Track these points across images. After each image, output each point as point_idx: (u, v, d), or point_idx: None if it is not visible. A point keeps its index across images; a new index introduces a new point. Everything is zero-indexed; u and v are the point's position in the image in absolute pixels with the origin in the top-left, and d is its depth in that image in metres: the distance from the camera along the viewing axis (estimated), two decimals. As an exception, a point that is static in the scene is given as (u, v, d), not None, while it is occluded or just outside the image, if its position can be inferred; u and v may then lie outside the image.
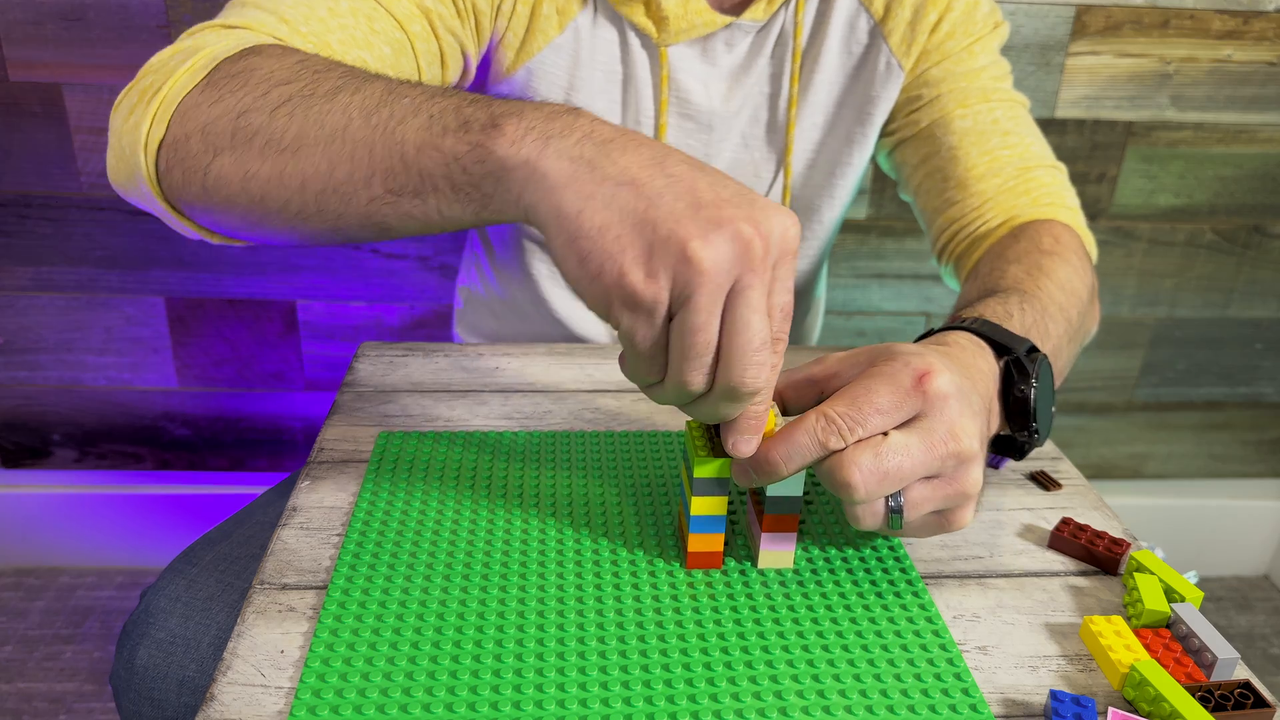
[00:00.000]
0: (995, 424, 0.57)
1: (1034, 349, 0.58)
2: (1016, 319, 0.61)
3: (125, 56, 1.22)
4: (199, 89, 0.54)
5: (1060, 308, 0.67)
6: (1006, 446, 0.60)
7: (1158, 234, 1.44)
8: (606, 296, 0.43)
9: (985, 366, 0.56)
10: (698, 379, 0.44)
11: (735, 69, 0.80)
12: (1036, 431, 0.57)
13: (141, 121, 0.55)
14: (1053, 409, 0.59)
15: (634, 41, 0.79)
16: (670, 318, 0.43)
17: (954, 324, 0.60)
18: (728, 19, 0.77)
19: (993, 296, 0.64)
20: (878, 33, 0.81)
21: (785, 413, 0.54)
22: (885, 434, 0.47)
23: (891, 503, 0.49)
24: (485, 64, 0.78)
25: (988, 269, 0.72)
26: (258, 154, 0.51)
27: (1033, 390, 0.56)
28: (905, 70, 0.81)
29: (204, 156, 0.53)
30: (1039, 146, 0.81)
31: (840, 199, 0.88)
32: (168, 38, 1.21)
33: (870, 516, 0.49)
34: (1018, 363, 0.57)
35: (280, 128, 0.50)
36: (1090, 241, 0.79)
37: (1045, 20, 1.29)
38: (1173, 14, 1.30)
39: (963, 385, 0.50)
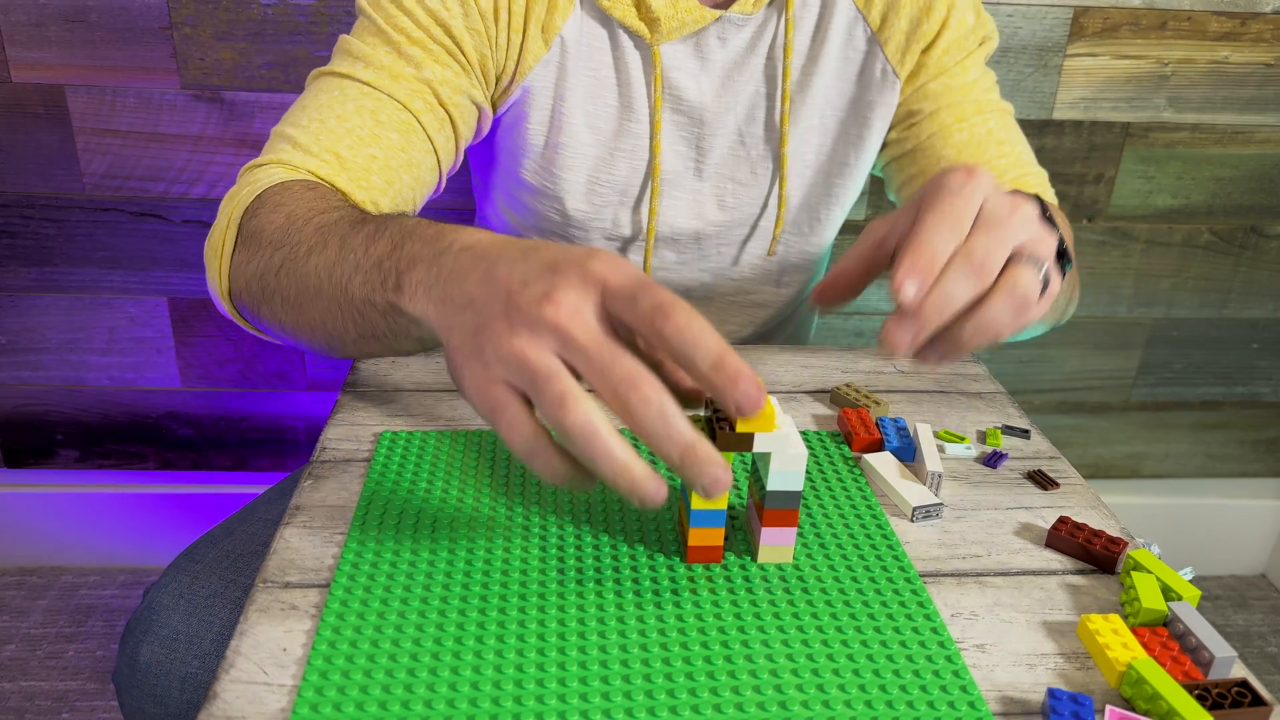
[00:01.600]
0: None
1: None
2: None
3: (128, 58, 1.23)
4: (237, 251, 0.67)
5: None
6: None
7: (1155, 235, 1.45)
8: (477, 408, 0.46)
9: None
10: (600, 462, 0.44)
11: (729, 64, 0.82)
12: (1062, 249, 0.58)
13: (215, 276, 0.69)
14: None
15: (626, 43, 0.80)
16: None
17: None
18: (717, 13, 0.79)
19: None
20: (875, 41, 0.82)
21: (849, 285, 0.56)
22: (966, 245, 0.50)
23: (1041, 269, 0.52)
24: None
25: None
26: (280, 309, 0.63)
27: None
28: (901, 79, 0.84)
29: (255, 306, 0.66)
30: (1027, 154, 0.85)
31: (842, 201, 0.89)
32: (170, 39, 1.21)
33: (1030, 284, 0.51)
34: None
35: (284, 288, 0.61)
36: (1065, 221, 0.82)
37: (1043, 22, 1.29)
38: (1170, 15, 1.30)
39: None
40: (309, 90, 0.75)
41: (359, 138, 0.72)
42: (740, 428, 0.51)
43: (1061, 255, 0.57)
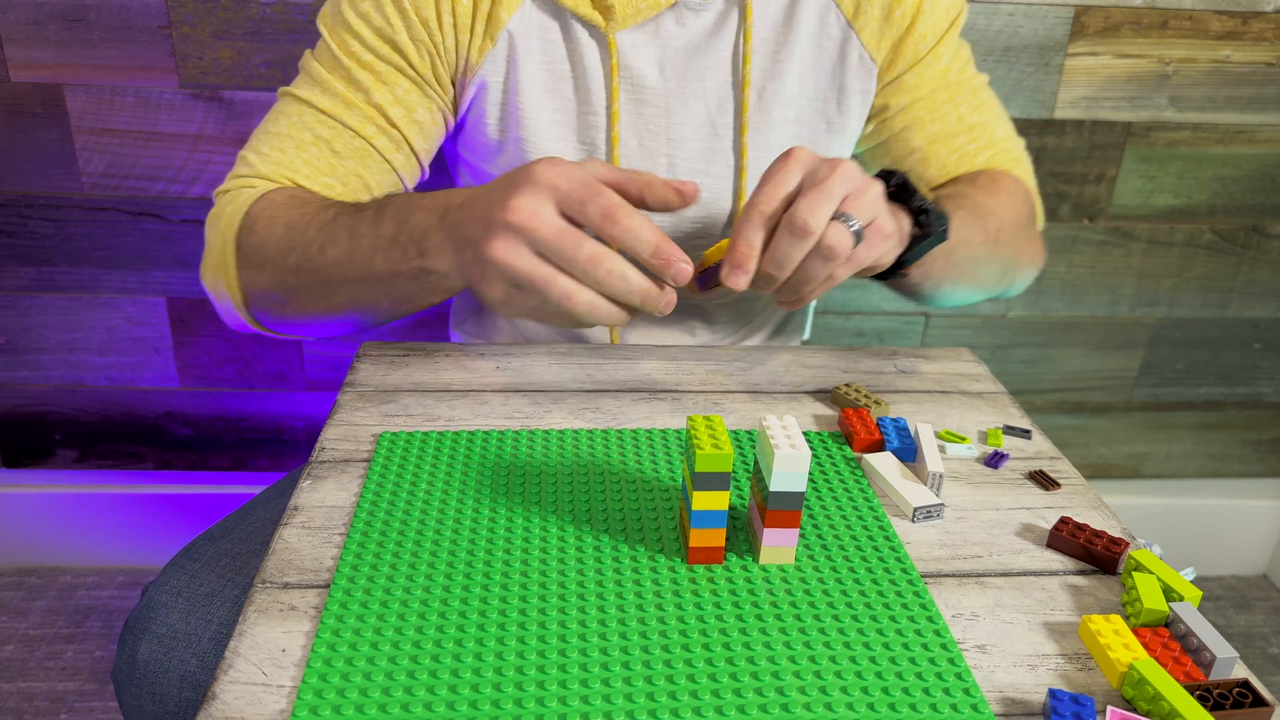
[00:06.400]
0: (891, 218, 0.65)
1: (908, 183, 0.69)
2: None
3: (126, 57, 1.22)
4: (243, 268, 0.74)
5: (974, 201, 0.79)
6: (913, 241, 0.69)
7: (1156, 234, 1.45)
8: (510, 315, 0.62)
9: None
10: (608, 321, 0.59)
11: (690, 48, 0.81)
12: (924, 207, 0.67)
13: (228, 293, 0.76)
14: (945, 224, 0.70)
15: (580, 33, 0.79)
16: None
17: None
18: None
19: None
20: (849, 29, 0.82)
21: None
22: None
23: (853, 226, 0.59)
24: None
25: None
26: (308, 302, 0.73)
27: (903, 175, 0.68)
28: (878, 65, 0.83)
29: (279, 309, 0.75)
30: (1001, 128, 0.88)
31: None
32: (169, 38, 1.21)
33: (842, 238, 0.59)
34: (881, 174, 0.68)
35: (307, 285, 0.71)
36: (1033, 187, 0.89)
37: (1044, 21, 1.29)
38: (1171, 15, 1.30)
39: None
40: (273, 112, 0.80)
41: (315, 167, 0.78)
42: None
43: (918, 211, 0.67)
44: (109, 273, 1.35)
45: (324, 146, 0.78)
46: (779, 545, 0.55)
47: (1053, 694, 0.46)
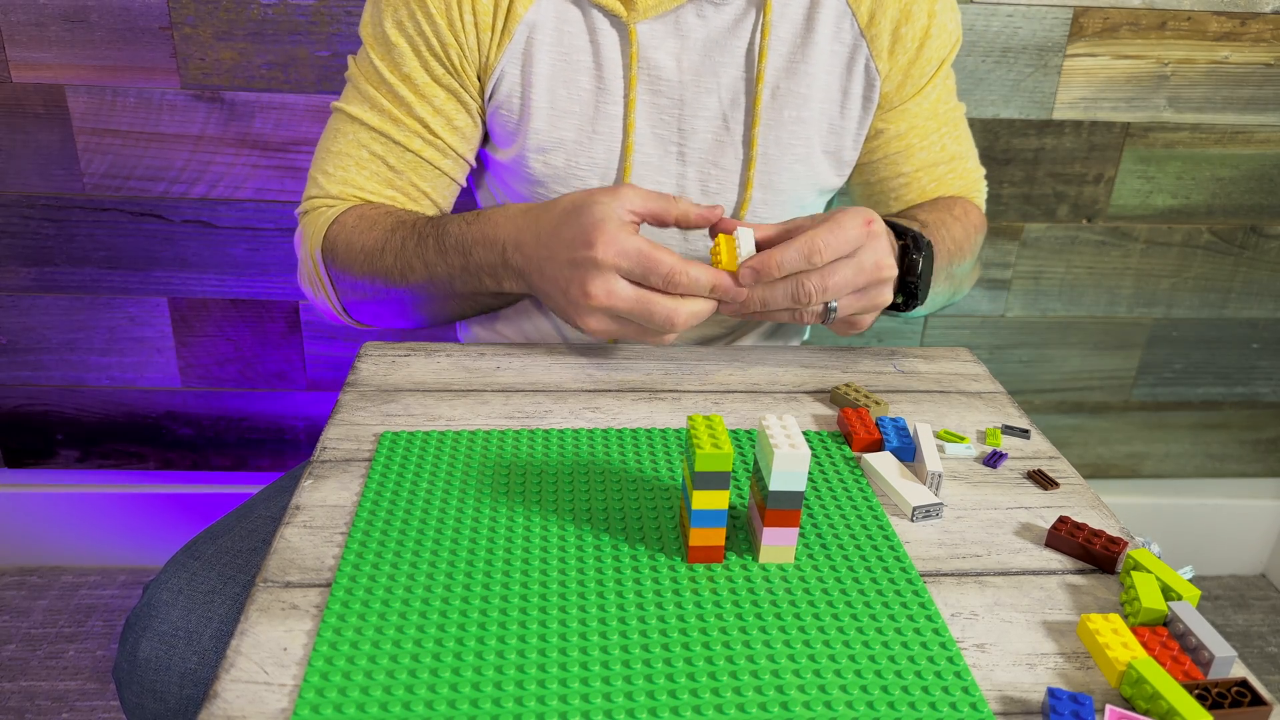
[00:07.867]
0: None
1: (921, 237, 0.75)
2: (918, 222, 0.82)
3: (128, 58, 1.23)
4: (336, 283, 0.83)
5: (952, 237, 0.85)
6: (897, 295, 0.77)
7: (1155, 235, 1.45)
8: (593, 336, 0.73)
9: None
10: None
11: (709, 42, 0.82)
12: (917, 286, 0.76)
13: (326, 301, 0.86)
14: (934, 289, 0.80)
15: (601, 23, 0.80)
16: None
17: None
18: None
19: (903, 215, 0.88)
20: (861, 37, 0.84)
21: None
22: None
23: (831, 315, 0.70)
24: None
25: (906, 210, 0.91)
26: (399, 310, 0.84)
27: (920, 256, 0.75)
28: (881, 80, 0.85)
29: (375, 310, 0.85)
30: (972, 159, 0.94)
31: (826, 191, 0.90)
32: (170, 39, 1.21)
33: (811, 316, 0.70)
34: (914, 236, 0.75)
35: (394, 299, 0.82)
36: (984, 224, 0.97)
37: (1043, 22, 1.29)
38: (1170, 15, 1.30)
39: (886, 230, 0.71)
40: (330, 129, 0.86)
41: (376, 182, 0.84)
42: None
43: (907, 285, 0.75)
44: (110, 273, 1.35)
45: (380, 163, 0.83)
46: (779, 545, 0.55)
47: (1051, 693, 0.46)
